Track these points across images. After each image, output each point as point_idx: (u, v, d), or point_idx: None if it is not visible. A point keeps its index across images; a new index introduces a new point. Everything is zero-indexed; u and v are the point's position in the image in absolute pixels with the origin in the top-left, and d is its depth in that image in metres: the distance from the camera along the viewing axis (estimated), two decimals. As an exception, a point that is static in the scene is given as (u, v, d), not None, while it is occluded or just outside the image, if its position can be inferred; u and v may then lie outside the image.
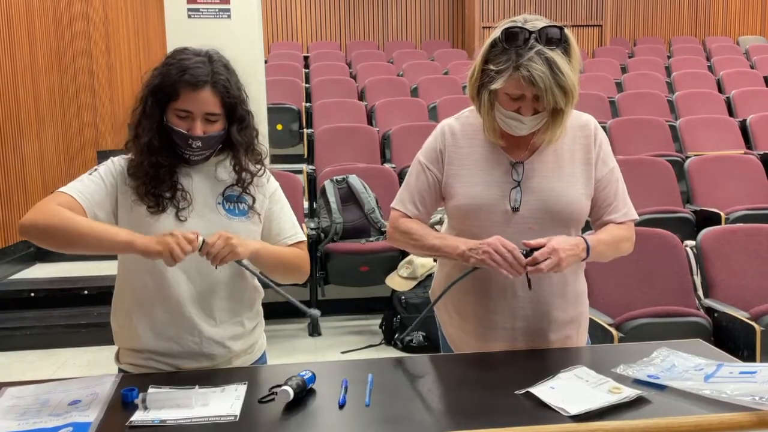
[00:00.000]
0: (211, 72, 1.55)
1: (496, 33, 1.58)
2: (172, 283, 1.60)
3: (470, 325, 1.76)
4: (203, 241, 1.49)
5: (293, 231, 1.74)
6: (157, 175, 1.58)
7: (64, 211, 1.50)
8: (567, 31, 1.56)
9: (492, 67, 1.57)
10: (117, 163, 1.63)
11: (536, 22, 1.56)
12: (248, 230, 1.66)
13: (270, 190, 1.73)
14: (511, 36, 1.54)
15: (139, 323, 1.63)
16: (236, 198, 1.66)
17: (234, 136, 1.61)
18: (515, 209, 1.66)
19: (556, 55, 1.52)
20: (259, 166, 1.68)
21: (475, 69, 1.63)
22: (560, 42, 1.54)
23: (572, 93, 1.54)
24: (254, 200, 1.67)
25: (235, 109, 1.60)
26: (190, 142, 1.55)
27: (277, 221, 1.72)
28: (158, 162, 1.57)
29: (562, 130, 1.62)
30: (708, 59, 8.63)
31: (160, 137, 1.57)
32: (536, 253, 1.54)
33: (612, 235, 1.69)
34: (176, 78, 1.53)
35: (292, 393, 1.37)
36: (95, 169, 1.63)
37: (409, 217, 1.76)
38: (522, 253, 1.55)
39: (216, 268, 1.55)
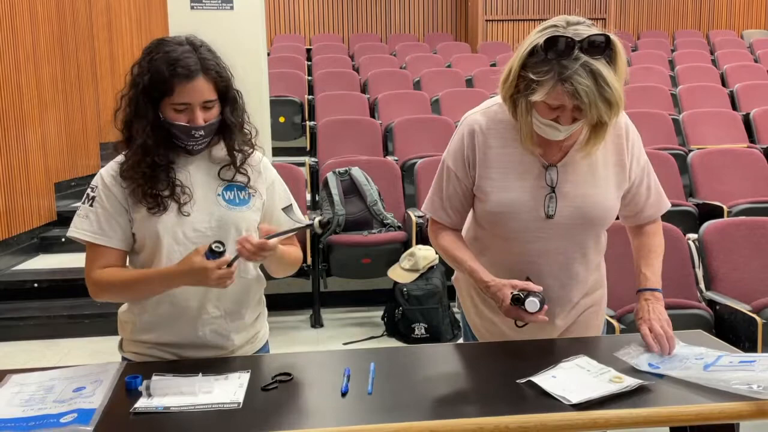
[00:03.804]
0: (199, 59, 1.54)
1: (534, 38, 1.49)
2: None
3: (501, 315, 1.72)
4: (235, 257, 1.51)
5: (290, 224, 1.71)
6: (153, 175, 1.57)
7: (111, 280, 1.58)
8: (613, 37, 1.46)
9: (532, 76, 1.47)
10: (107, 176, 1.61)
11: (579, 27, 1.47)
12: (248, 220, 1.66)
13: (268, 180, 1.72)
14: (554, 45, 1.45)
15: (144, 315, 1.64)
16: (234, 185, 1.66)
17: (228, 118, 1.60)
18: (550, 216, 1.63)
19: (602, 66, 1.43)
20: (248, 147, 1.67)
21: (511, 73, 1.54)
22: (605, 50, 1.45)
23: (618, 105, 1.46)
24: (249, 179, 1.67)
25: (228, 91, 1.60)
26: (192, 133, 1.55)
27: (277, 214, 1.72)
28: (154, 162, 1.56)
29: (603, 141, 1.58)
30: (712, 53, 8.61)
31: (155, 135, 1.55)
32: (657, 336, 1.58)
33: (657, 253, 1.74)
34: (168, 73, 1.50)
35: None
36: (92, 197, 1.61)
37: (445, 226, 1.75)
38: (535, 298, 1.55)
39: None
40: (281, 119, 6.16)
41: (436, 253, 3.92)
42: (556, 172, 1.63)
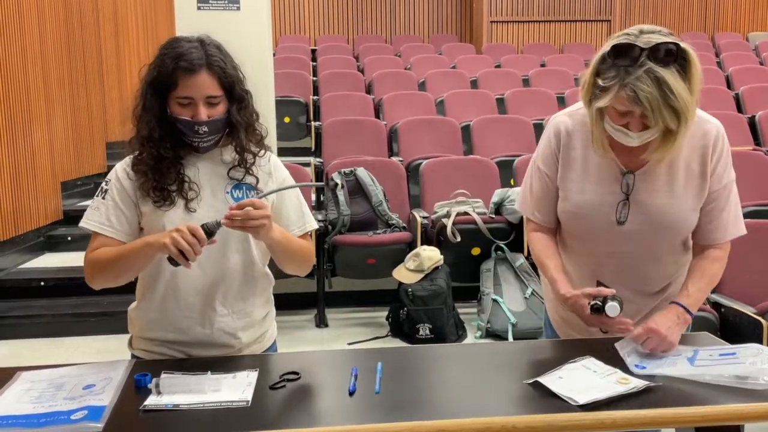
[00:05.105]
0: (204, 55, 1.56)
1: (606, 47, 1.52)
2: (184, 272, 1.61)
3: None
4: (217, 223, 1.48)
5: (301, 222, 1.74)
6: (159, 168, 1.59)
7: (100, 257, 1.59)
8: (686, 46, 1.47)
9: (600, 82, 1.52)
10: (120, 170, 1.65)
11: (651, 36, 1.48)
12: None
13: (279, 179, 1.73)
14: (621, 52, 1.47)
15: (151, 312, 1.65)
16: (244, 184, 1.67)
17: (234, 116, 1.61)
18: (621, 223, 1.65)
19: (669, 74, 1.44)
20: (258, 148, 1.68)
21: (587, 80, 1.57)
22: (675, 59, 1.45)
23: (685, 114, 1.46)
24: (258, 180, 1.68)
25: (233, 89, 1.60)
26: (196, 128, 1.56)
27: (286, 212, 1.72)
28: (159, 154, 1.58)
29: (675, 150, 1.55)
30: (717, 55, 8.60)
31: (162, 129, 1.57)
32: (634, 335, 1.55)
33: (706, 276, 1.68)
34: (172, 67, 1.54)
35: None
36: (105, 190, 1.65)
37: (539, 225, 1.78)
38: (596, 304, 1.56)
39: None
40: (286, 119, 6.17)
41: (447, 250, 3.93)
42: (633, 179, 1.64)
